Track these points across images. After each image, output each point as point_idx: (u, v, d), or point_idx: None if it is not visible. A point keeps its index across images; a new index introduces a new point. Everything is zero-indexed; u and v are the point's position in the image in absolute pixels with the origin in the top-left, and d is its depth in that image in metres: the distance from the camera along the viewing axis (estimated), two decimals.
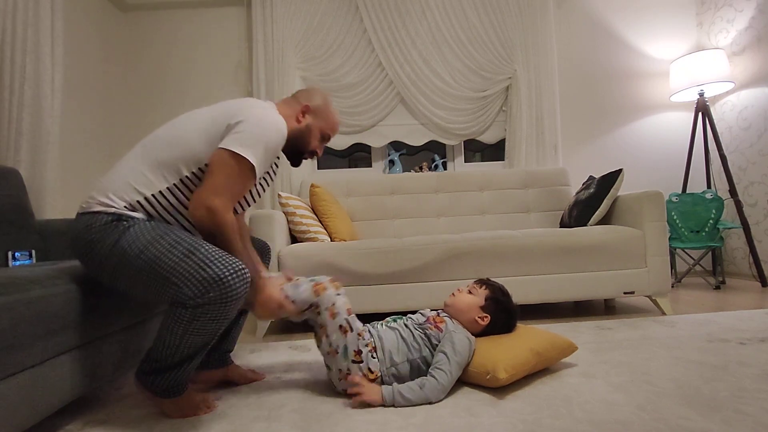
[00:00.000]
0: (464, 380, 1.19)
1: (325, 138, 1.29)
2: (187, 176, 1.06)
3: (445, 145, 3.24)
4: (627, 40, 3.20)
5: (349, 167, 3.36)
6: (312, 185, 2.37)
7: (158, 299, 0.99)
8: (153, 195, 1.04)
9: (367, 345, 1.16)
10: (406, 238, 2.05)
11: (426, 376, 1.13)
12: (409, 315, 1.31)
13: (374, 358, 1.15)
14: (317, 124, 1.25)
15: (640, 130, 3.18)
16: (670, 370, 1.23)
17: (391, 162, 3.20)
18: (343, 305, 1.17)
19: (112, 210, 1.01)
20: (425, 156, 3.42)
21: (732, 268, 3.03)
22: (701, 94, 2.88)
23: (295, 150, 1.26)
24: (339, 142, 3.11)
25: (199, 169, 1.06)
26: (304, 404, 1.12)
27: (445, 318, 1.27)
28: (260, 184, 1.20)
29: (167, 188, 1.05)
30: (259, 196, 1.23)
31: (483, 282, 1.35)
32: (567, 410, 1.00)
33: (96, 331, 1.07)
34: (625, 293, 1.98)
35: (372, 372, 1.14)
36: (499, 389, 1.14)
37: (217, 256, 0.96)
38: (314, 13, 3.01)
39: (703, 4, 3.18)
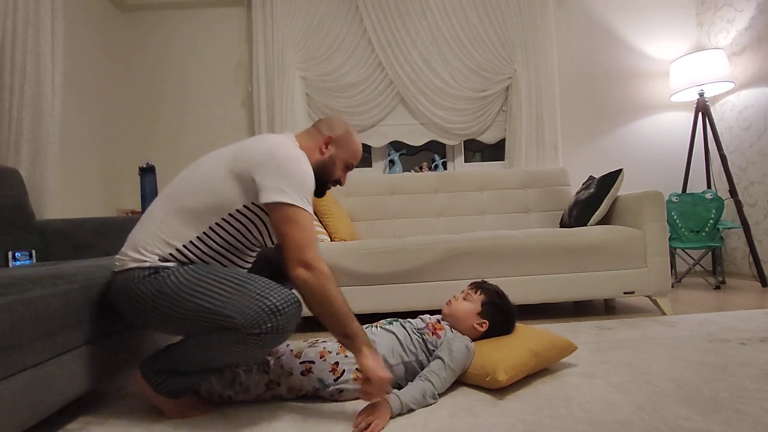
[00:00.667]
0: (464, 381, 1.19)
1: (349, 167, 1.27)
2: (217, 223, 1.04)
3: (445, 145, 3.24)
4: (627, 40, 3.20)
5: None
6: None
7: (208, 330, 0.98)
8: (185, 246, 1.03)
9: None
10: (406, 238, 2.05)
11: (418, 375, 1.12)
12: (408, 319, 1.29)
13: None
14: (341, 155, 1.23)
15: (640, 130, 3.18)
16: (670, 370, 1.23)
17: (391, 162, 3.20)
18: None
19: (147, 265, 1.00)
20: (425, 156, 3.42)
21: (732, 268, 3.03)
22: (701, 94, 2.88)
23: (320, 181, 1.23)
24: None
25: (230, 215, 1.04)
26: (305, 404, 1.12)
27: (445, 325, 1.26)
28: None
29: (197, 237, 1.03)
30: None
31: (478, 286, 1.33)
32: (567, 410, 1.00)
33: (96, 331, 1.07)
34: (625, 293, 1.98)
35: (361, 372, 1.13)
36: (499, 389, 1.14)
37: (270, 287, 0.97)
38: (314, 13, 3.01)
39: (703, 4, 3.17)
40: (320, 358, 1.14)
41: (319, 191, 1.26)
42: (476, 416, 1.00)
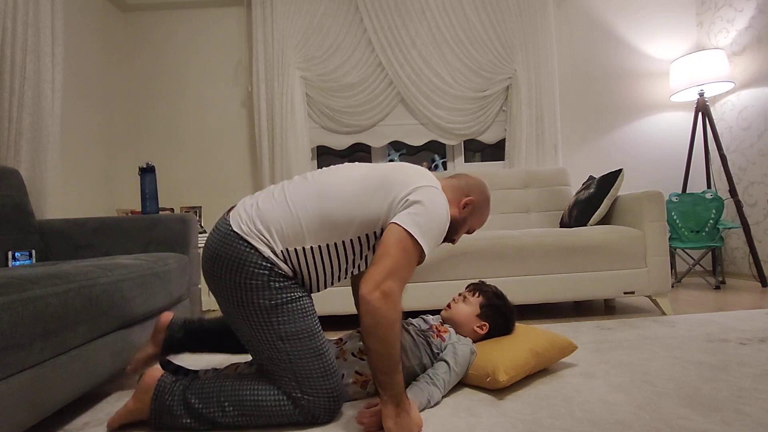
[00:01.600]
0: (465, 382, 1.19)
1: (471, 231, 1.25)
2: (351, 239, 1.02)
3: (445, 145, 3.24)
4: (627, 40, 3.20)
5: None
6: None
7: (270, 371, 1.00)
8: (311, 247, 1.00)
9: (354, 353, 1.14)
10: None
11: (422, 376, 1.12)
12: (409, 320, 1.29)
13: (363, 360, 1.12)
14: (472, 220, 1.20)
15: (640, 130, 3.18)
16: (670, 370, 1.23)
17: (391, 162, 3.20)
18: None
19: (268, 254, 0.97)
20: (425, 156, 3.42)
21: (732, 268, 3.03)
22: (701, 94, 2.88)
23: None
24: (339, 142, 3.11)
25: (369, 234, 1.02)
26: None
27: (449, 328, 1.26)
28: None
29: (327, 245, 1.01)
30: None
31: (476, 288, 1.33)
32: (567, 410, 1.00)
33: (95, 330, 1.07)
34: (625, 293, 1.98)
35: (361, 374, 1.12)
36: (499, 389, 1.14)
37: (341, 387, 1.01)
38: (314, 13, 3.01)
39: (703, 4, 3.17)
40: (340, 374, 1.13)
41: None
42: (476, 416, 1.00)
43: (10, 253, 1.54)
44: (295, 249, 0.99)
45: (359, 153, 3.39)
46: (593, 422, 0.94)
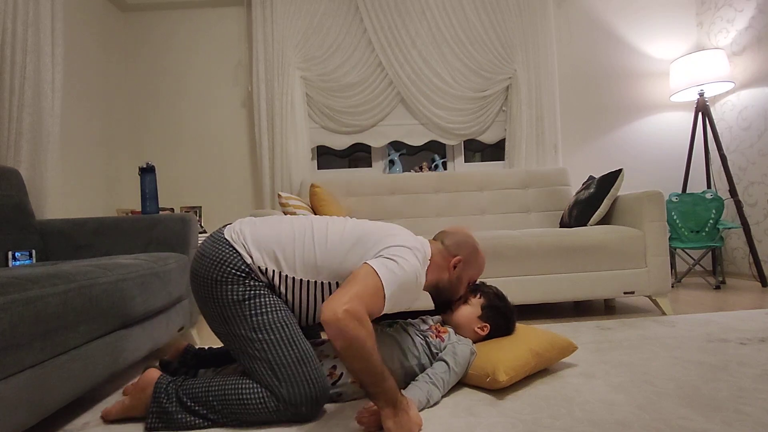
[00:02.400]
0: (464, 382, 1.19)
1: (473, 282, 1.29)
2: (323, 282, 1.08)
3: (445, 145, 3.23)
4: (627, 40, 3.20)
5: (349, 167, 3.36)
6: (312, 185, 2.37)
7: (250, 368, 1.03)
8: (288, 276, 1.07)
9: None
10: None
11: (421, 375, 1.12)
12: (409, 320, 1.28)
13: None
14: (467, 274, 1.25)
15: (640, 130, 3.18)
16: (670, 370, 1.23)
17: (391, 162, 3.20)
18: None
19: (249, 261, 1.05)
20: (425, 156, 3.42)
21: (732, 268, 3.03)
22: (701, 94, 2.88)
23: (443, 299, 1.27)
24: (339, 142, 3.11)
25: (337, 282, 1.07)
26: None
27: (449, 328, 1.26)
28: None
29: (300, 279, 1.07)
30: None
31: (477, 289, 1.33)
32: (567, 410, 1.00)
33: (95, 330, 1.07)
34: (625, 293, 1.98)
35: None
36: (499, 389, 1.14)
37: (323, 375, 1.03)
38: (314, 13, 3.01)
39: (703, 4, 3.17)
40: (320, 362, 1.14)
41: (441, 306, 1.29)
42: (476, 416, 1.00)
43: (10, 253, 1.54)
44: (274, 270, 1.06)
45: (359, 153, 3.39)
46: (593, 422, 0.94)
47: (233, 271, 1.04)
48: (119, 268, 1.20)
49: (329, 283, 1.08)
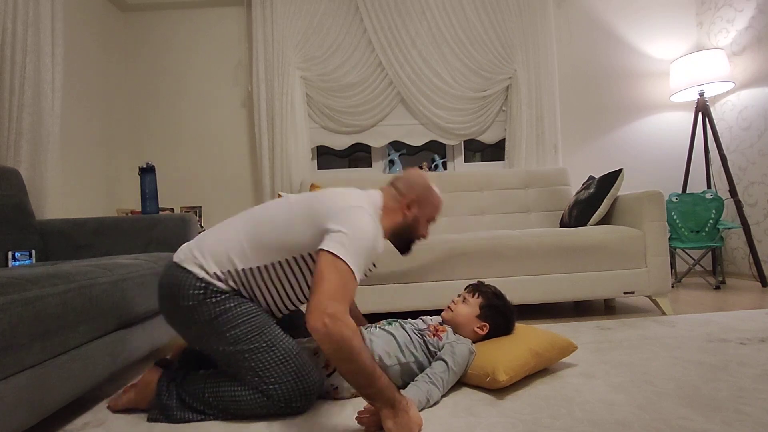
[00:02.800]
0: (464, 382, 1.19)
1: (432, 220, 1.28)
2: (279, 261, 1.07)
3: (445, 145, 3.23)
4: (627, 40, 3.20)
5: (349, 167, 3.36)
6: (312, 185, 2.37)
7: (238, 376, 1.05)
8: (243, 269, 1.07)
9: None
10: None
11: (421, 376, 1.12)
12: (408, 320, 1.29)
13: None
14: (423, 213, 1.24)
15: (640, 130, 3.18)
16: (670, 370, 1.23)
17: (391, 162, 3.20)
18: None
19: (202, 275, 1.05)
20: (425, 156, 3.42)
21: (732, 268, 3.03)
22: (701, 94, 2.88)
23: (404, 242, 1.27)
24: (339, 142, 3.11)
25: (294, 258, 1.07)
26: None
27: (447, 327, 1.26)
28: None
29: (257, 267, 1.07)
30: None
31: (475, 289, 1.33)
32: (567, 410, 1.00)
33: (94, 331, 1.07)
34: (625, 293, 1.98)
35: None
36: (499, 389, 1.14)
37: (309, 368, 1.05)
38: (314, 13, 3.01)
39: (703, 4, 3.17)
40: (314, 354, 1.15)
41: (403, 248, 1.29)
42: (476, 416, 1.00)
43: (10, 253, 1.54)
44: (229, 270, 1.06)
45: (359, 153, 3.39)
46: (593, 422, 0.94)
47: (190, 291, 1.04)
48: (119, 268, 1.21)
49: (287, 260, 1.07)
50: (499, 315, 1.30)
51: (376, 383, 0.91)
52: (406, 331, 1.21)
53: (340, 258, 0.96)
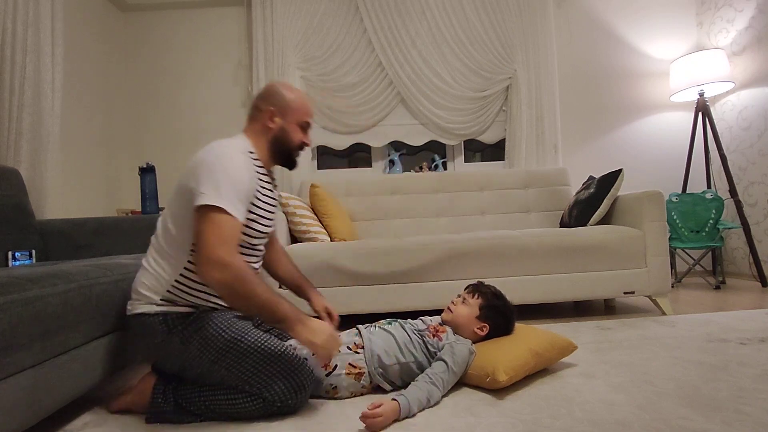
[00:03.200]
0: (464, 382, 1.19)
1: (306, 126, 1.22)
2: (192, 251, 1.05)
3: (445, 145, 3.23)
4: (627, 40, 3.20)
5: (349, 167, 3.36)
6: (312, 185, 2.37)
7: (229, 384, 1.04)
8: (176, 280, 1.07)
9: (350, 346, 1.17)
10: (407, 238, 2.05)
11: (421, 376, 1.12)
12: (408, 320, 1.29)
13: (358, 353, 1.15)
14: (290, 119, 1.18)
15: (640, 130, 3.18)
16: (670, 370, 1.23)
17: (391, 162, 3.20)
18: None
19: (155, 310, 1.06)
20: (425, 156, 3.41)
21: (732, 268, 3.03)
22: (701, 94, 2.88)
23: (284, 154, 1.21)
24: (339, 142, 3.11)
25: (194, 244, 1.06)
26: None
27: (447, 328, 1.26)
28: (264, 211, 1.16)
29: (180, 273, 1.07)
30: (271, 221, 1.21)
31: (475, 289, 1.33)
32: (567, 410, 1.00)
33: (95, 330, 1.07)
34: (625, 293, 1.98)
35: (354, 366, 1.14)
36: (499, 389, 1.14)
37: (297, 363, 1.03)
38: (314, 13, 3.01)
39: (703, 4, 3.17)
40: (312, 354, 1.14)
41: (288, 162, 1.23)
42: (476, 416, 1.00)
43: (10, 253, 1.54)
44: (168, 290, 1.07)
45: (359, 153, 3.38)
46: (593, 422, 0.94)
47: (155, 327, 1.05)
48: (119, 268, 1.20)
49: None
50: (499, 315, 1.30)
51: (280, 309, 0.97)
52: (405, 331, 1.21)
53: (205, 205, 0.97)
